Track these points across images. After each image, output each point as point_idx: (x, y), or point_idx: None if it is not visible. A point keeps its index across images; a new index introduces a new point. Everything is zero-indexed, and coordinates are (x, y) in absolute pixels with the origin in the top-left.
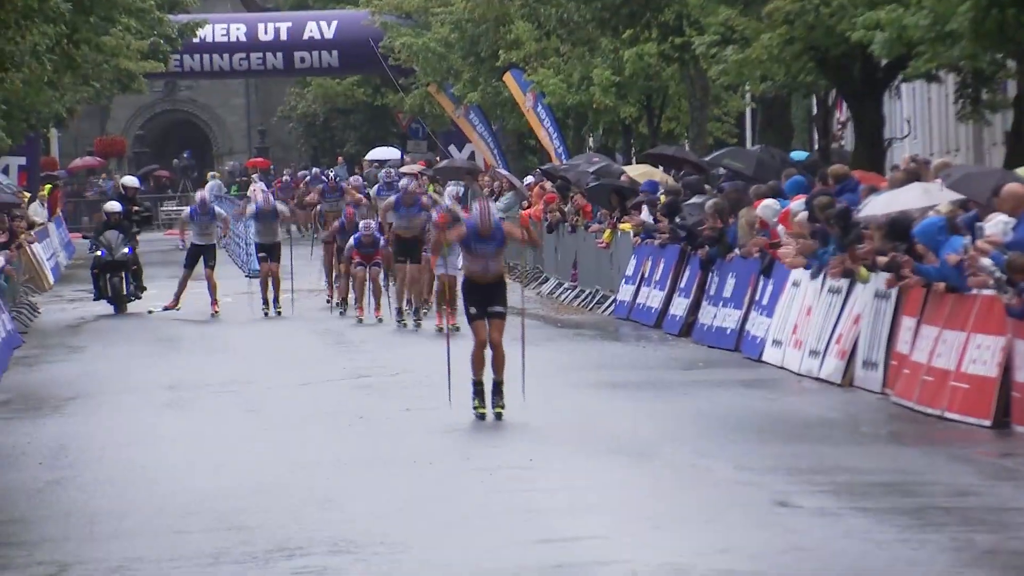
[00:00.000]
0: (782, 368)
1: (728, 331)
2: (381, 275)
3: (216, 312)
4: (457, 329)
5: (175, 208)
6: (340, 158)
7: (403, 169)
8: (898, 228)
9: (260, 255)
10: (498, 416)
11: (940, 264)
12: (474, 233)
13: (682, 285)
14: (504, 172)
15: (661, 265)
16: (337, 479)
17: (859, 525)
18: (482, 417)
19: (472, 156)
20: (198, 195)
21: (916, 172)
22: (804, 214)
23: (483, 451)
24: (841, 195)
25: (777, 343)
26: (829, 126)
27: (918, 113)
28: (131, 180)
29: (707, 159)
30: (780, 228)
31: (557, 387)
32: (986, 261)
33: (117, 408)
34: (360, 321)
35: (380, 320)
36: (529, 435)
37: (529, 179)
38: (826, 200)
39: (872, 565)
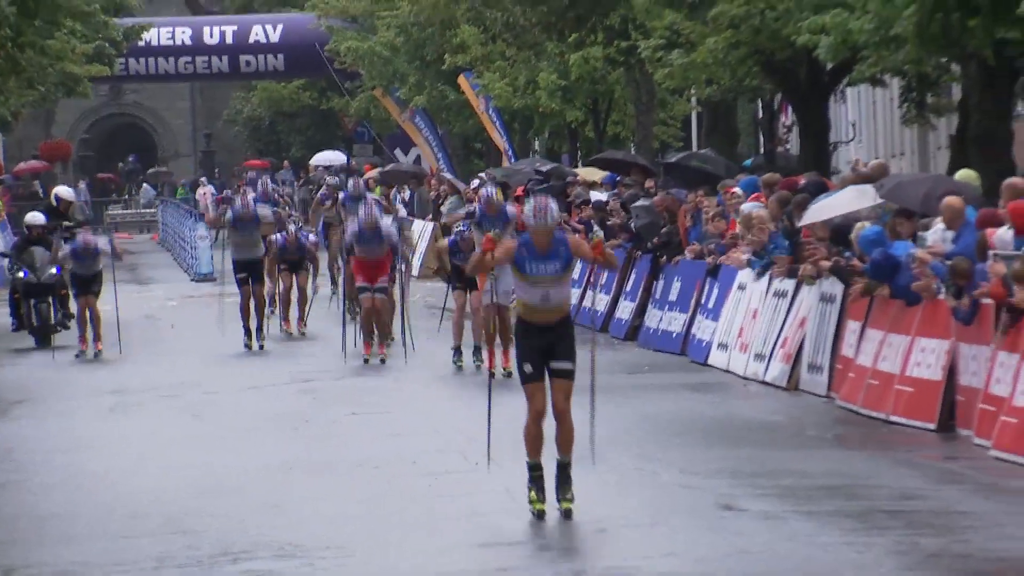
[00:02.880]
0: (728, 372)
1: (674, 335)
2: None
3: (84, 351)
4: (509, 375)
5: (120, 212)
6: (286, 162)
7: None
8: (839, 233)
9: (239, 275)
10: (567, 514)
11: (870, 265)
12: (529, 249)
13: (628, 288)
14: (448, 176)
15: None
16: (283, 483)
17: (804, 528)
18: (541, 516)
19: (418, 160)
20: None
21: (868, 176)
22: (763, 212)
23: (428, 455)
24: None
25: (723, 346)
26: (774, 130)
27: (863, 117)
28: (66, 192)
29: (673, 160)
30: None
31: (501, 391)
32: (929, 270)
33: (63, 412)
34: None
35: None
36: (474, 439)
37: (475, 183)
38: (802, 198)
39: (817, 568)
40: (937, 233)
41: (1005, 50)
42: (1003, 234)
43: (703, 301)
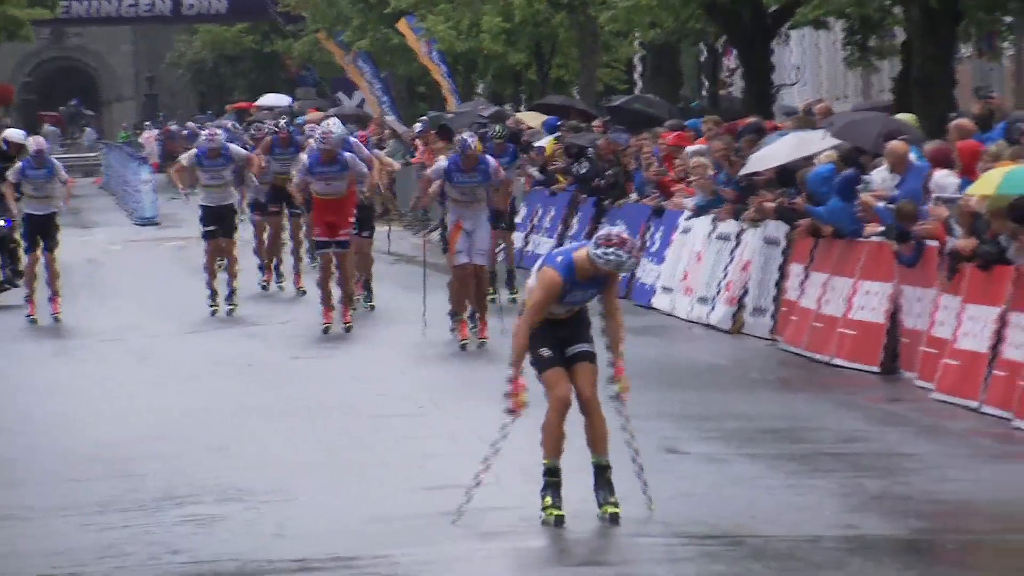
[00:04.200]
0: (672, 315)
1: None
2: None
3: (57, 314)
4: (483, 344)
5: (61, 156)
6: (228, 106)
7: (307, 117)
8: (785, 176)
9: (206, 228)
10: (614, 519)
11: (828, 210)
12: (573, 280)
13: (572, 232)
14: (390, 119)
15: (551, 212)
16: (227, 427)
17: (748, 471)
18: (560, 522)
19: (362, 103)
20: (32, 143)
21: (812, 122)
22: (704, 160)
23: (372, 399)
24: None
25: (667, 290)
26: (718, 73)
27: (807, 60)
28: (16, 134)
29: (616, 103)
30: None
31: (447, 334)
32: (880, 205)
33: (5, 357)
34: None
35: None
36: (419, 382)
37: (419, 127)
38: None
39: (761, 511)
40: (883, 174)
41: None
42: (942, 177)
43: (647, 244)
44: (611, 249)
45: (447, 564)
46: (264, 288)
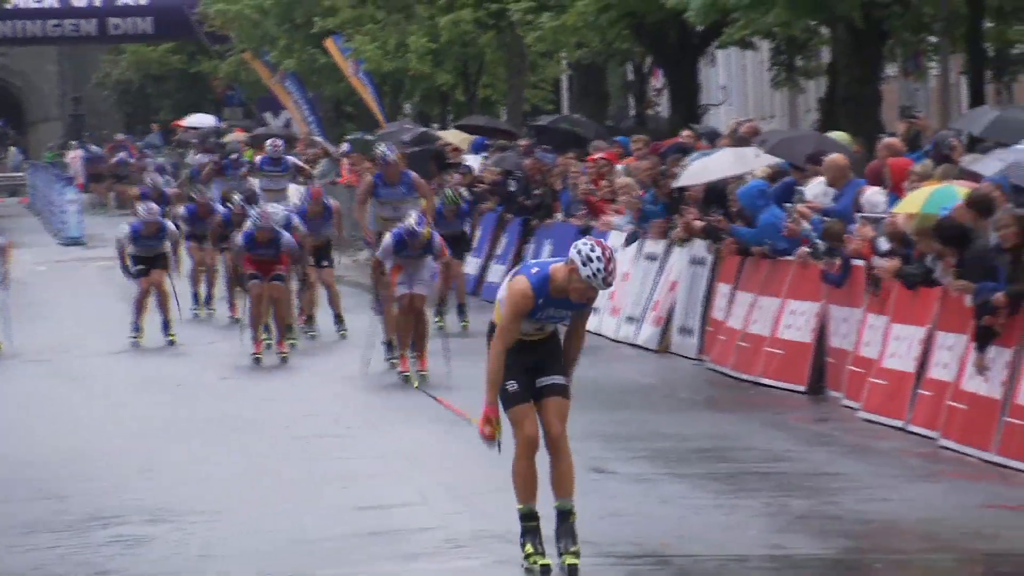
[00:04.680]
0: (599, 335)
1: None
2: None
3: None
4: (425, 377)
5: None
6: (154, 126)
7: (229, 137)
8: (713, 194)
9: (136, 268)
10: (572, 571)
11: (759, 227)
12: (547, 298)
13: (500, 252)
14: (320, 139)
15: (478, 232)
16: (154, 447)
17: (675, 491)
18: (547, 572)
19: (288, 123)
20: None
21: (743, 138)
22: (630, 179)
23: (300, 419)
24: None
25: (594, 309)
26: (645, 93)
27: (734, 80)
28: None
29: (543, 123)
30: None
31: (375, 356)
32: (806, 226)
33: None
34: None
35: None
36: (346, 403)
37: (345, 147)
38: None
39: (688, 530)
40: (817, 189)
41: (873, 12)
42: (872, 195)
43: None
44: (603, 264)
45: None
46: (196, 316)
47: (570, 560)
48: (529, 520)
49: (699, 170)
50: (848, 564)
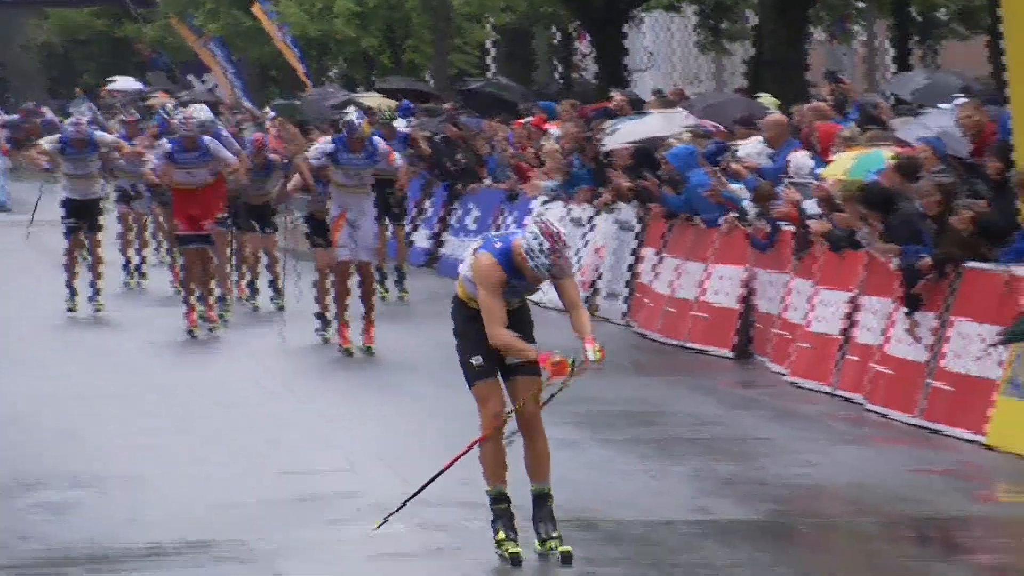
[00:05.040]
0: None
1: None
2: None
3: None
4: (370, 352)
5: None
6: (79, 90)
7: (150, 101)
8: (643, 156)
9: (68, 221)
10: (565, 559)
11: (687, 191)
12: (519, 278)
13: (426, 217)
14: (246, 104)
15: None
16: (78, 413)
17: (602, 456)
18: (517, 561)
19: (214, 88)
20: None
21: (671, 102)
22: (556, 145)
23: (225, 385)
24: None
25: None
26: (571, 57)
27: (660, 44)
28: None
29: (469, 88)
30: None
31: (301, 320)
32: (734, 188)
33: None
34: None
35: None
36: (272, 368)
37: (270, 112)
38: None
39: (616, 495)
40: (753, 148)
41: None
42: (800, 159)
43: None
44: (549, 246)
45: (300, 550)
46: (128, 286)
47: (562, 548)
48: (499, 503)
49: (627, 132)
50: (774, 528)
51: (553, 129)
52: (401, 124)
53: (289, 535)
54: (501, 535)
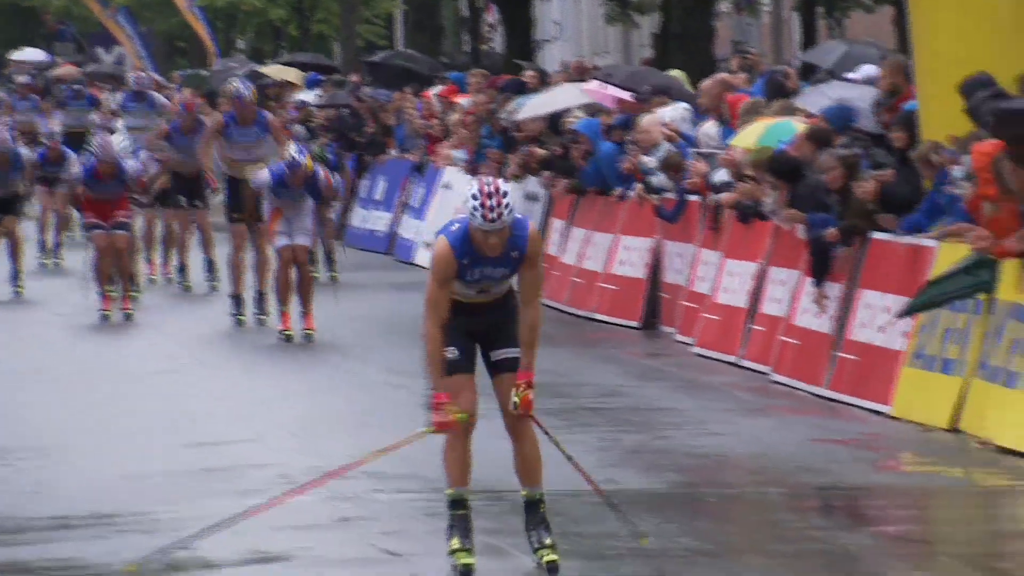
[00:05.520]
0: None
1: (380, 234)
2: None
3: None
4: (310, 337)
5: None
6: None
7: (57, 72)
8: (554, 128)
9: None
10: (550, 569)
11: (595, 162)
12: (472, 255)
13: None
14: (155, 76)
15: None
16: None
17: None
18: (468, 571)
19: (121, 60)
20: None
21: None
22: (461, 116)
23: (133, 357)
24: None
25: (428, 245)
26: (479, 28)
27: (567, 15)
28: None
29: (377, 59)
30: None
31: (203, 293)
32: (644, 160)
33: None
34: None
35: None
36: (179, 340)
37: (176, 87)
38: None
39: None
40: (676, 113)
41: None
42: (708, 129)
43: (409, 200)
44: (480, 200)
45: (207, 520)
46: (43, 266)
47: (548, 556)
48: (457, 508)
49: (538, 104)
50: (680, 498)
51: (463, 100)
52: (309, 96)
53: (197, 505)
54: (456, 542)
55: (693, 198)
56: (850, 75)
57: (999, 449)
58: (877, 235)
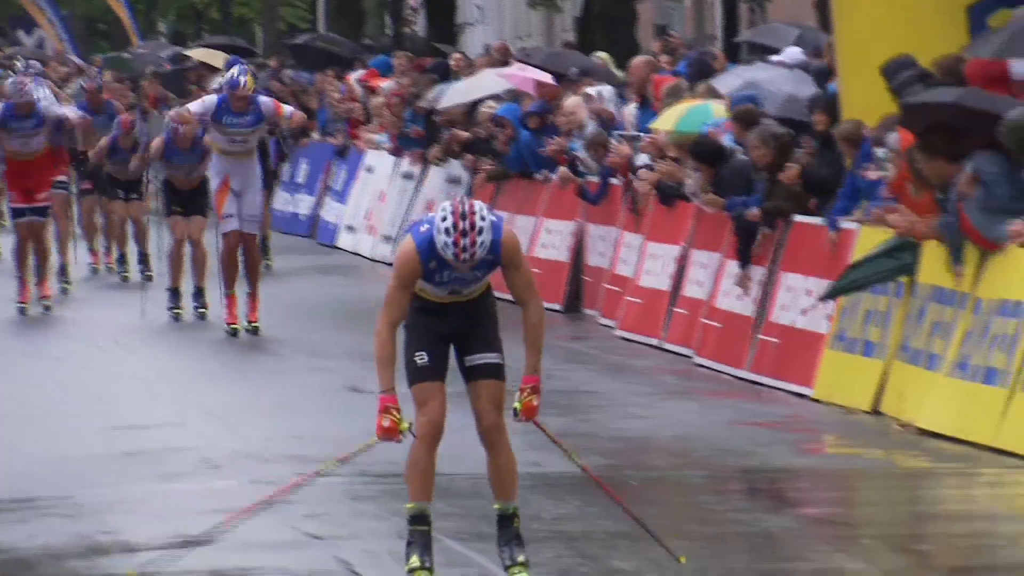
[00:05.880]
0: (356, 254)
1: (302, 217)
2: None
3: None
4: (255, 331)
5: None
6: None
7: None
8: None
9: None
10: None
11: (517, 148)
12: (441, 263)
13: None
14: (74, 58)
15: None
16: None
17: None
18: None
19: (42, 43)
20: None
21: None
22: (384, 100)
23: (55, 341)
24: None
25: (351, 229)
26: (402, 11)
27: None
28: None
29: (299, 42)
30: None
31: (116, 281)
32: (568, 144)
33: None
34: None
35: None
36: (99, 324)
37: (96, 70)
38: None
39: (444, 449)
40: (607, 92)
41: None
42: (631, 111)
43: (331, 184)
44: (452, 236)
45: (128, 504)
46: None
47: (519, 574)
48: (418, 524)
49: (461, 91)
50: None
51: (386, 84)
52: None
53: (118, 489)
54: (415, 560)
55: (616, 181)
56: (775, 58)
57: (920, 431)
58: (799, 218)
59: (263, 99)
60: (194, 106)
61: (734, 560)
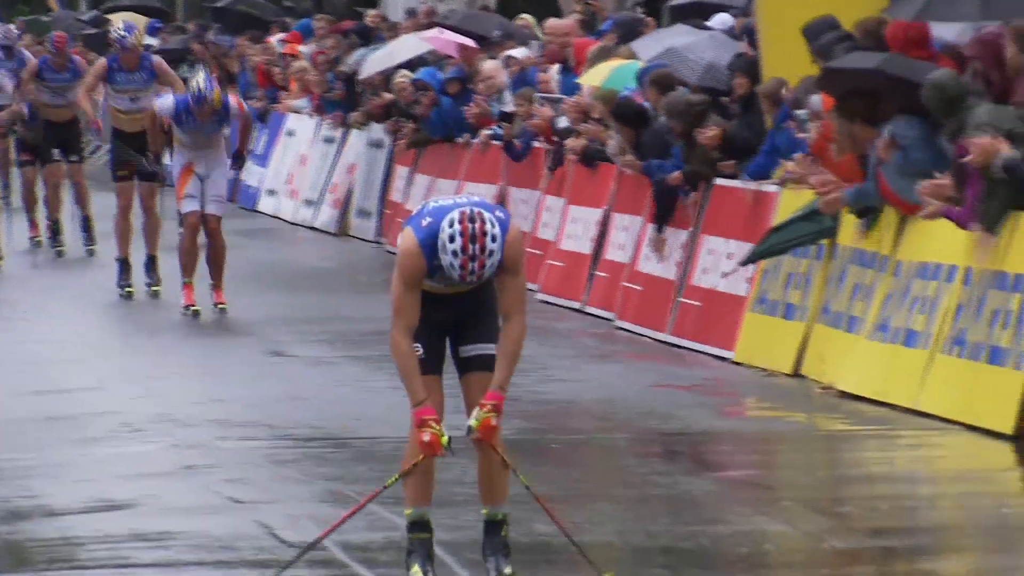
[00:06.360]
0: (277, 218)
1: None
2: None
3: None
4: (223, 310)
5: None
6: None
7: None
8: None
9: None
10: None
11: (439, 114)
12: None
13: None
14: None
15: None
16: None
17: (354, 373)
18: None
19: None
20: None
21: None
22: (307, 64)
23: None
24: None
25: (272, 193)
26: None
27: None
28: None
29: (221, 5)
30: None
31: (78, 258)
32: (489, 108)
33: None
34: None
35: None
36: (26, 287)
37: (16, 30)
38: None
39: (367, 413)
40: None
41: None
42: (553, 74)
43: (252, 148)
44: (459, 259)
45: (50, 469)
46: None
47: None
48: (419, 531)
49: (383, 57)
50: (525, 444)
51: (305, 48)
52: (152, 42)
53: (40, 454)
54: (416, 570)
55: (538, 144)
56: (708, 23)
57: (840, 394)
58: (720, 181)
59: (229, 99)
60: (89, 77)
61: (655, 523)
